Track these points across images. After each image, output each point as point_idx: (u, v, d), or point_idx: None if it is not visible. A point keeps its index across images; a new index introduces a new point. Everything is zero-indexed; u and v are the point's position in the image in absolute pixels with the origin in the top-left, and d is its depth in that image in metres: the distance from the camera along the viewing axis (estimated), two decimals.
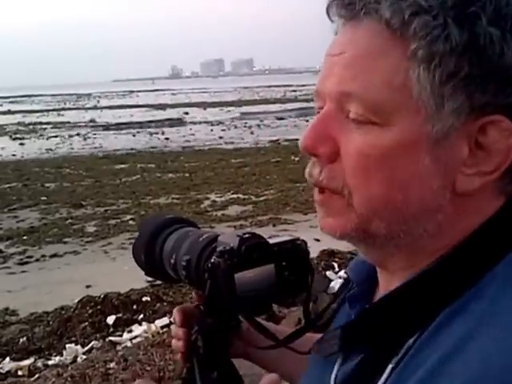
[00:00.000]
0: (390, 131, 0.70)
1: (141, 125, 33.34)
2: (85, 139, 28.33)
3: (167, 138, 27.21)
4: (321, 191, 0.77)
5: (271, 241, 1.01)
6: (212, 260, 1.00)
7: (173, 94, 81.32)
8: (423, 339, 0.69)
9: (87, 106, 59.95)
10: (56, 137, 29.90)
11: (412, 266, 0.75)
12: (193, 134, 28.25)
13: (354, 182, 0.72)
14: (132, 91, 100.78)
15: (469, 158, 0.70)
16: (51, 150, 24.38)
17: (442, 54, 0.67)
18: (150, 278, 1.27)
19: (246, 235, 1.02)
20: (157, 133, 29.55)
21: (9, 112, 52.01)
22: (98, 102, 68.17)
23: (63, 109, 54.62)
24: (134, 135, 29.51)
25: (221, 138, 26.07)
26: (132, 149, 23.69)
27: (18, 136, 30.71)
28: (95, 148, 24.72)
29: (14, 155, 23.17)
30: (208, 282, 1.00)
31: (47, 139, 29.12)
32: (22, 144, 27.25)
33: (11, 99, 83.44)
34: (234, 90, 79.79)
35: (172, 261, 1.14)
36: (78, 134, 30.56)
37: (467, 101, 0.68)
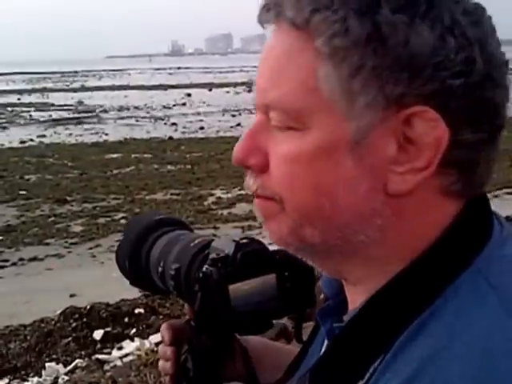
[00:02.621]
0: (308, 135, 0.76)
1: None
2: (77, 124, 28.39)
3: (174, 124, 27.45)
4: (257, 196, 0.84)
5: (272, 247, 1.01)
6: (203, 269, 1.00)
7: (170, 74, 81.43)
8: (386, 362, 0.74)
9: (73, 86, 60.08)
10: (38, 121, 30.04)
11: (371, 277, 0.80)
12: (201, 120, 28.39)
13: (282, 190, 0.79)
14: (124, 69, 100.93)
15: (399, 154, 0.74)
16: (37, 136, 24.45)
17: (344, 49, 0.73)
18: None
19: (243, 241, 1.02)
20: (162, 118, 29.67)
21: None
22: (86, 81, 68.27)
23: (45, 89, 54.75)
24: (137, 120, 29.72)
25: (238, 125, 26.17)
26: (131, 137, 23.84)
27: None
28: (84, 135, 24.81)
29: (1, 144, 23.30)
30: (199, 295, 1.01)
31: (30, 123, 29.23)
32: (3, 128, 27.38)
33: None
34: (241, 70, 79.80)
35: (160, 269, 1.15)
36: (64, 118, 30.64)
37: (380, 94, 0.73)
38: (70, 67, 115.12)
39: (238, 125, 26.22)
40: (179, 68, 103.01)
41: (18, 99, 43.39)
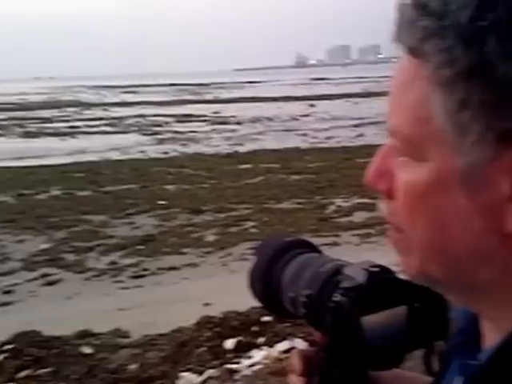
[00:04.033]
0: (423, 167, 0.73)
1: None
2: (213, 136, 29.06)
3: (304, 134, 27.94)
4: (387, 223, 0.82)
5: (402, 276, 0.96)
6: (336, 298, 0.96)
7: (293, 85, 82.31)
8: None
9: (206, 97, 61.56)
10: (179, 132, 31.12)
11: (505, 319, 0.75)
12: (326, 130, 28.52)
13: (404, 220, 0.77)
14: (252, 82, 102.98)
15: None
16: (180, 145, 25.40)
17: (450, 80, 0.68)
18: None
19: (374, 269, 0.98)
20: (292, 129, 30.32)
21: (123, 103, 54.46)
22: (220, 93, 69.79)
23: (183, 101, 56.35)
24: (269, 130, 30.34)
25: (360, 135, 26.59)
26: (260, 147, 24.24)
27: (144, 132, 32.32)
28: (220, 145, 25.61)
29: (142, 151, 24.41)
30: (330, 325, 0.97)
31: (171, 134, 30.31)
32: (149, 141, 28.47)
33: (125, 89, 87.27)
34: (358, 82, 79.97)
35: (290, 294, 1.11)
36: (202, 131, 31.49)
37: (489, 129, 0.67)
38: (201, 79, 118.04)
39: (360, 135, 26.49)
40: (302, 79, 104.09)
41: (160, 109, 45.02)
